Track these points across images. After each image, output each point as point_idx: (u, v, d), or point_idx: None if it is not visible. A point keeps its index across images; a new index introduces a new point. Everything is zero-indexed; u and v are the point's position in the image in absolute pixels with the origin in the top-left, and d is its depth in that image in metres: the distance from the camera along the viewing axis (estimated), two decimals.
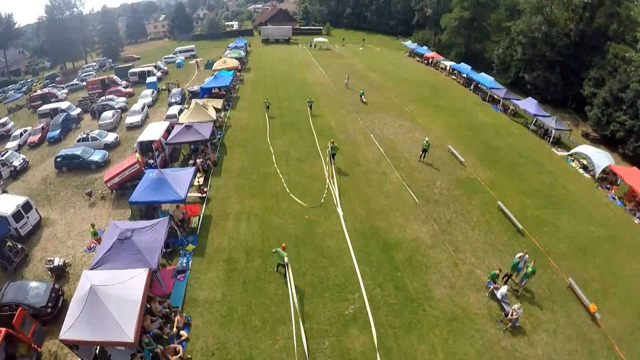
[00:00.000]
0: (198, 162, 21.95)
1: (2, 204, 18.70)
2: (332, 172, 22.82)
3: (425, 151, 24.00)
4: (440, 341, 13.01)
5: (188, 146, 25.03)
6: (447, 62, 51.53)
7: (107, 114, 32.97)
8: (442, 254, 16.85)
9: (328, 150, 23.92)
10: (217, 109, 30.09)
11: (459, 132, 30.34)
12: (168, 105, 35.39)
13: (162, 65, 54.20)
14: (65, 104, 37.00)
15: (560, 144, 30.70)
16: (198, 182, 20.74)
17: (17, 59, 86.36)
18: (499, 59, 49.56)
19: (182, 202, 16.95)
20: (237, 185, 21.43)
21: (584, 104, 38.70)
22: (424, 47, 61.08)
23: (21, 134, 32.69)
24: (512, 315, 13.36)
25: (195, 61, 54.12)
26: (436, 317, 13.96)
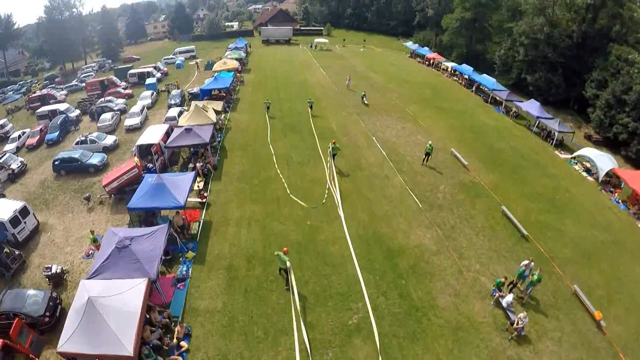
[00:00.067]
0: (198, 166, 21.64)
1: None
2: (332, 173, 22.67)
3: (428, 155, 23.75)
4: (445, 351, 12.78)
5: (188, 149, 24.71)
6: (449, 63, 51.29)
7: (106, 116, 32.66)
8: (447, 261, 16.61)
9: (329, 151, 23.78)
10: (217, 111, 29.77)
11: (462, 135, 30.10)
12: (167, 107, 35.06)
13: (162, 66, 53.96)
14: (64, 106, 36.71)
15: (563, 147, 30.60)
16: (198, 186, 20.43)
17: (17, 60, 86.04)
18: (500, 60, 49.28)
19: (181, 209, 16.66)
20: (237, 189, 21.13)
21: (586, 106, 38.54)
22: (425, 48, 60.78)
23: (19, 136, 32.44)
24: (518, 324, 13.16)
25: (195, 62, 53.81)
26: (441, 327, 13.73)
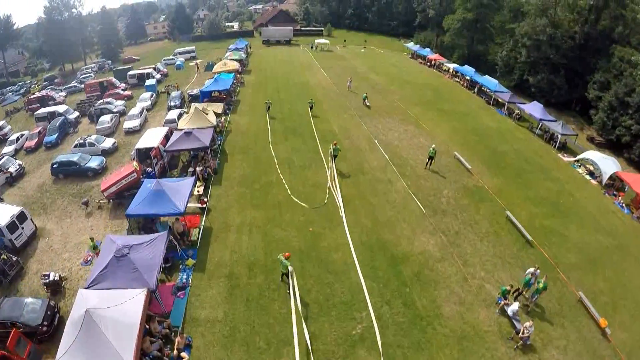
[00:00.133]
0: (198, 171, 21.28)
1: None
2: (333, 174, 22.52)
3: (431, 158, 23.46)
4: None
5: (187, 153, 24.36)
6: (450, 65, 50.98)
7: (105, 118, 32.33)
8: (451, 268, 16.34)
9: (330, 152, 23.63)
10: (217, 114, 29.37)
11: (465, 137, 29.83)
12: (167, 109, 34.73)
13: (162, 67, 53.60)
14: (63, 108, 36.34)
15: (566, 149, 30.40)
16: (198, 191, 20.07)
17: (17, 60, 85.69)
18: (502, 62, 49.02)
19: (181, 215, 16.34)
20: (238, 194, 20.80)
21: (589, 108, 38.34)
22: (426, 49, 60.42)
23: (18, 139, 32.12)
24: (524, 333, 12.95)
25: (195, 63, 53.47)
26: (446, 336, 13.50)
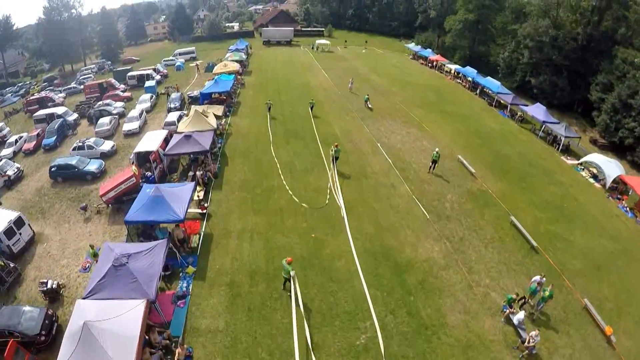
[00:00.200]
0: (198, 175, 20.94)
1: None
2: (334, 176, 22.42)
3: (435, 162, 23.17)
4: None
5: (187, 156, 24.01)
6: (452, 66, 50.73)
7: (104, 120, 31.97)
8: (456, 276, 16.06)
9: (331, 154, 23.48)
10: (218, 116, 29.04)
11: (468, 140, 29.56)
12: (167, 111, 34.41)
13: (162, 68, 53.30)
14: (62, 109, 36.04)
15: (570, 152, 30.17)
16: (198, 196, 19.69)
17: (16, 61, 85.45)
18: (504, 63, 48.75)
19: (180, 222, 16.01)
20: (239, 199, 20.46)
21: (591, 109, 38.12)
22: (428, 50, 60.18)
23: (16, 141, 31.84)
24: (530, 342, 12.73)
25: (195, 64, 53.19)
26: (451, 346, 13.24)
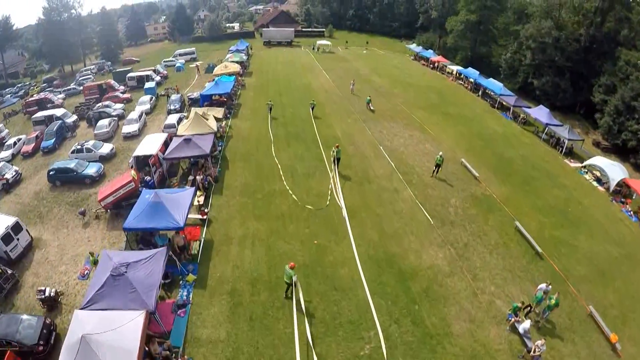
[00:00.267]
0: (198, 179, 20.60)
1: None
2: (336, 177, 22.29)
3: (438, 166, 22.85)
4: None
5: (187, 160, 23.63)
6: (454, 67, 50.48)
7: (104, 122, 31.62)
8: (461, 283, 15.79)
9: (332, 155, 23.32)
10: (218, 119, 28.72)
11: (470, 143, 29.29)
12: (167, 113, 34.14)
13: (162, 69, 53.01)
14: (61, 111, 35.77)
15: (573, 155, 29.93)
16: (198, 201, 19.35)
17: (16, 61, 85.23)
18: (506, 64, 48.50)
19: (180, 229, 15.68)
20: (240, 204, 20.12)
21: (593, 111, 37.90)
22: (429, 51, 59.89)
23: (15, 143, 31.59)
24: (535, 351, 12.50)
25: (195, 65, 52.93)
26: (456, 355, 12.99)
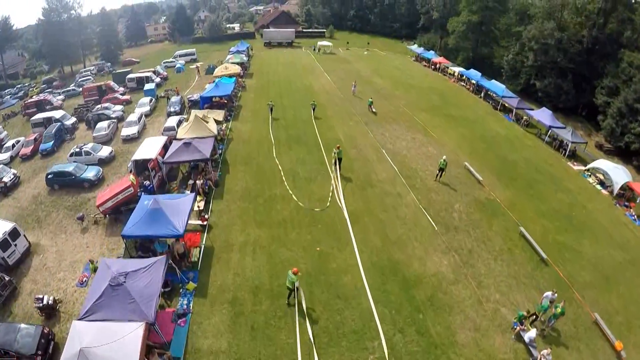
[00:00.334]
0: (198, 184, 20.28)
1: None
2: (337, 178, 22.20)
3: (442, 170, 22.55)
4: None
5: (187, 164, 23.29)
6: (456, 68, 50.18)
7: (103, 124, 31.32)
8: (465, 291, 15.51)
9: (334, 156, 23.17)
10: (218, 121, 28.39)
11: (473, 145, 29.01)
12: (167, 115, 33.85)
13: (161, 71, 52.72)
14: (60, 113, 35.47)
15: (576, 157, 29.67)
16: (198, 207, 19.02)
17: (16, 62, 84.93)
18: (509, 65, 48.18)
19: (180, 237, 15.37)
20: (241, 210, 19.81)
21: (596, 113, 37.65)
22: (430, 52, 59.60)
23: (13, 145, 31.29)
24: None
25: (195, 66, 52.62)
26: None
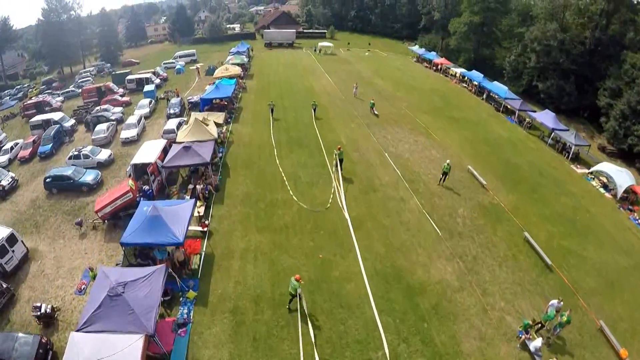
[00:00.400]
0: (198, 189, 19.98)
1: None
2: (338, 179, 22.04)
3: (445, 174, 22.29)
4: None
5: (187, 168, 22.92)
6: (457, 69, 49.86)
7: (102, 127, 31.00)
8: (470, 299, 15.25)
9: (335, 157, 23.01)
10: (218, 124, 28.04)
11: (476, 148, 28.73)
12: (166, 117, 33.58)
13: (161, 72, 52.45)
14: (59, 115, 35.16)
15: (579, 160, 29.40)
16: (198, 212, 18.68)
17: (15, 63, 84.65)
18: (510, 67, 47.87)
19: (180, 245, 15.08)
20: (241, 215, 19.52)
21: (598, 115, 37.37)
22: (432, 53, 59.29)
23: (12, 148, 30.96)
24: None
25: (195, 67, 52.32)
26: None
